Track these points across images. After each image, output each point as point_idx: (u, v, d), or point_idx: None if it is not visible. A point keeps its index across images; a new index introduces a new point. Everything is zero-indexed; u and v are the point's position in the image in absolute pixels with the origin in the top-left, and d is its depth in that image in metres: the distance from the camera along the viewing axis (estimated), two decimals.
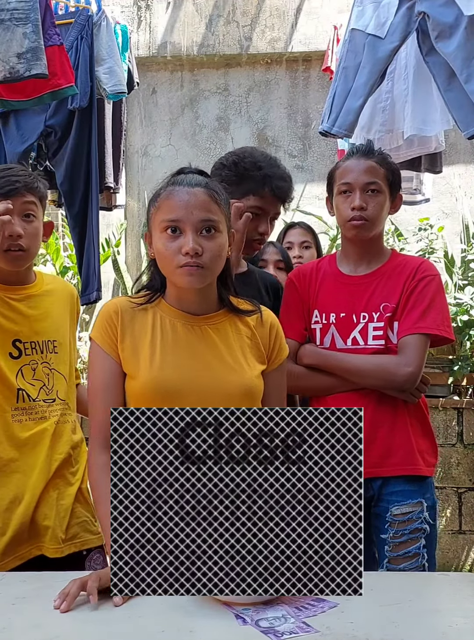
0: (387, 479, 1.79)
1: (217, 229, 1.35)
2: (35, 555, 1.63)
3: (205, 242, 1.33)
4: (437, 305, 1.80)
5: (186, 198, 1.33)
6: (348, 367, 1.80)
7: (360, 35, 2.53)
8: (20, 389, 1.65)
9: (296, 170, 5.03)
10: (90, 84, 3.11)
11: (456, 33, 2.34)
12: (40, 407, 1.68)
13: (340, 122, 2.52)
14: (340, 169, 1.87)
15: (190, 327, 1.40)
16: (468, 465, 3.57)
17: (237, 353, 1.41)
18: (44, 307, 1.75)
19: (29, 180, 1.67)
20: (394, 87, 2.86)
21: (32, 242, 1.67)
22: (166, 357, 1.37)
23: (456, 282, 4.01)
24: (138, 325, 1.40)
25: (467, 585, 1.28)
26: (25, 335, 1.69)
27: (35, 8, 2.44)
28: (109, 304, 1.43)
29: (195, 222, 1.32)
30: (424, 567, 1.76)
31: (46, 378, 1.71)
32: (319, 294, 1.89)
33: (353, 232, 1.83)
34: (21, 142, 3.09)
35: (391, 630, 1.06)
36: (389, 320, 1.80)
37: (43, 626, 1.09)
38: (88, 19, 3.18)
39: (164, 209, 1.35)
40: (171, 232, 1.33)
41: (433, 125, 2.80)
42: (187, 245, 1.31)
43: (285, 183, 1.88)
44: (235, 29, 4.92)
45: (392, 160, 1.91)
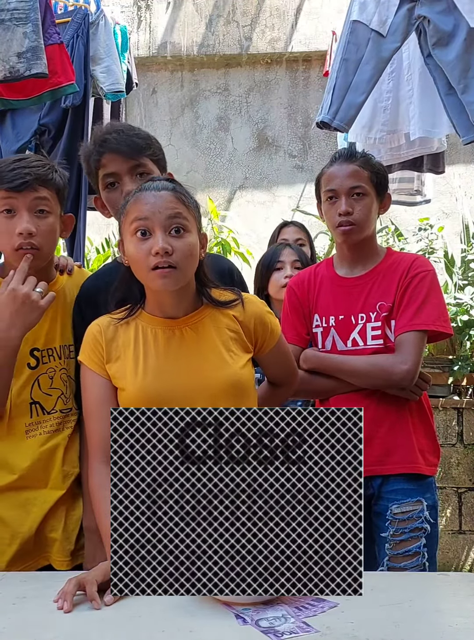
0: (387, 477, 1.80)
1: (186, 228, 1.35)
2: (42, 565, 1.59)
3: (174, 242, 1.33)
4: (432, 301, 1.81)
5: (152, 200, 1.34)
6: (346, 369, 1.82)
7: (363, 29, 2.50)
8: (34, 403, 1.58)
9: (296, 170, 5.04)
10: (84, 82, 3.12)
11: (454, 42, 2.32)
12: (55, 419, 1.61)
13: (341, 116, 2.51)
14: (325, 175, 1.89)
15: (170, 332, 1.41)
16: (468, 465, 3.56)
17: (220, 348, 1.41)
18: (60, 308, 1.64)
19: (41, 172, 1.52)
20: (396, 87, 2.85)
21: (46, 240, 1.54)
22: (148, 366, 1.39)
23: (456, 282, 4.00)
24: (122, 340, 1.42)
25: (467, 585, 1.27)
26: (41, 343, 1.60)
27: (35, 8, 2.45)
28: (92, 325, 1.45)
29: (163, 221, 1.33)
30: (424, 566, 1.76)
31: (64, 386, 1.63)
32: (318, 298, 1.92)
33: (343, 237, 1.86)
34: (16, 141, 3.10)
35: (391, 630, 1.06)
36: (386, 319, 1.82)
37: (43, 626, 1.09)
38: (84, 17, 3.19)
39: (132, 212, 1.36)
40: (141, 234, 1.34)
41: (441, 128, 2.80)
42: (156, 245, 1.31)
43: (109, 135, 1.62)
44: (235, 29, 4.92)
45: (376, 162, 1.93)
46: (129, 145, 1.61)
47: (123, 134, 1.62)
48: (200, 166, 5.04)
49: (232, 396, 1.37)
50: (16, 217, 1.52)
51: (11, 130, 3.11)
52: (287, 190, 5.01)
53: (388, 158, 3.10)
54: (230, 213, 4.89)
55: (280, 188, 5.03)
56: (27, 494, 1.57)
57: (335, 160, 1.89)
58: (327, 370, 1.85)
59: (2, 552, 1.54)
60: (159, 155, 1.68)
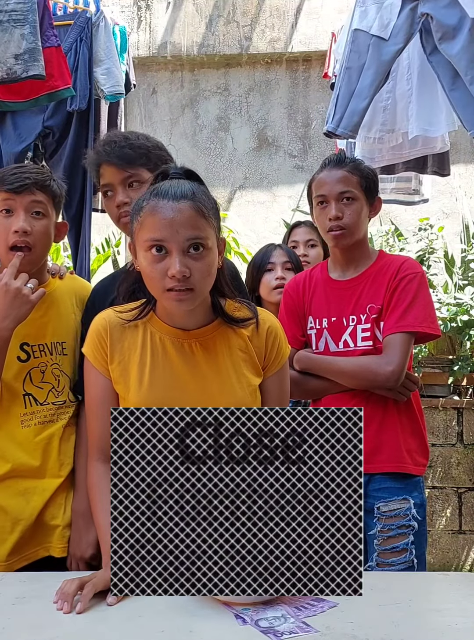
0: (373, 475, 1.83)
1: (205, 246, 1.26)
2: (42, 556, 1.62)
3: (193, 263, 1.25)
4: (420, 302, 1.83)
5: (170, 215, 1.24)
6: (335, 370, 1.86)
7: (364, 36, 2.54)
8: (27, 394, 1.63)
9: (297, 170, 5.03)
10: (89, 86, 3.13)
11: (460, 35, 2.34)
12: (48, 410, 1.65)
13: (345, 123, 2.55)
14: (315, 181, 1.93)
15: (179, 345, 1.37)
16: (468, 465, 3.56)
17: (229, 371, 1.37)
18: (52, 308, 1.70)
19: (39, 178, 1.61)
20: (395, 86, 2.86)
21: (40, 241, 1.60)
22: (154, 378, 1.35)
23: (456, 282, 4.01)
24: (128, 342, 1.38)
25: (467, 585, 1.28)
26: (33, 338, 1.65)
27: (34, 9, 2.46)
28: (98, 319, 1.40)
29: (181, 242, 1.24)
30: (412, 563, 1.79)
31: (56, 380, 1.68)
32: (312, 300, 1.97)
33: (334, 242, 1.90)
34: (18, 142, 3.10)
35: (391, 630, 1.06)
36: (375, 321, 1.85)
37: (43, 626, 1.09)
38: (87, 21, 3.20)
39: (148, 226, 1.26)
40: (156, 251, 1.25)
41: (438, 127, 2.81)
42: (173, 268, 1.23)
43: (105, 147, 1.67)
44: (235, 29, 4.92)
45: (366, 166, 1.95)
46: (121, 157, 1.65)
47: (116, 146, 1.66)
48: (200, 166, 5.03)
49: None
50: (13, 217, 1.59)
51: (12, 131, 3.12)
52: (287, 190, 5.01)
53: (390, 158, 3.10)
54: (230, 213, 4.89)
55: (280, 188, 5.03)
56: (27, 483, 1.62)
57: (324, 166, 1.93)
58: (317, 371, 1.90)
59: (3, 540, 1.58)
60: (157, 163, 1.68)
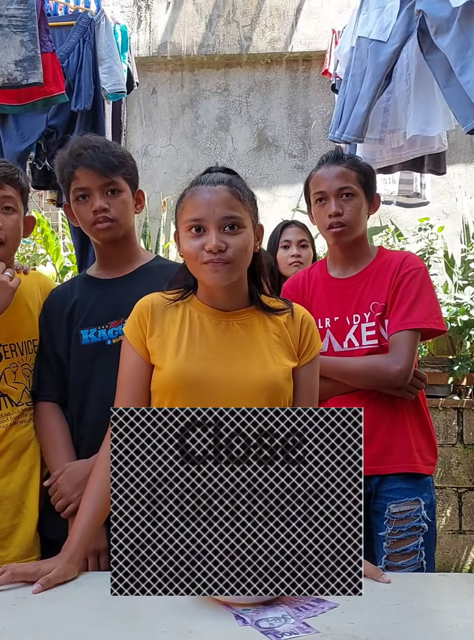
0: (385, 476, 1.81)
1: (241, 225, 1.36)
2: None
3: (228, 238, 1.34)
4: (424, 299, 1.81)
5: (208, 196, 1.35)
6: (341, 371, 1.83)
7: (365, 42, 2.59)
8: (1, 395, 1.63)
9: (297, 170, 5.04)
10: (93, 86, 3.13)
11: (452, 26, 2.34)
12: (23, 410, 1.66)
13: (349, 129, 2.59)
14: (313, 178, 1.91)
15: (217, 322, 1.43)
16: (468, 465, 3.56)
17: (263, 349, 1.41)
18: (20, 306, 1.68)
19: (9, 172, 1.62)
20: (395, 87, 2.86)
21: (11, 235, 1.62)
22: (191, 349, 1.40)
23: (456, 282, 4.01)
24: (168, 319, 1.44)
25: (467, 586, 1.27)
26: (3, 338, 1.64)
27: (33, 17, 2.47)
28: (143, 299, 1.47)
29: (218, 220, 1.34)
30: (422, 565, 1.77)
31: (27, 380, 1.68)
32: (313, 300, 1.94)
33: (334, 239, 1.88)
34: (21, 142, 3.10)
35: (391, 631, 1.06)
36: (380, 319, 1.83)
37: (43, 626, 1.09)
38: (90, 22, 3.20)
39: (188, 208, 1.37)
40: (195, 231, 1.35)
41: (436, 126, 2.81)
42: (209, 242, 1.33)
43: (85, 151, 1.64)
44: (235, 29, 4.93)
45: (363, 162, 1.94)
46: (103, 162, 1.63)
47: (98, 151, 1.64)
48: (200, 166, 5.03)
49: (266, 397, 1.36)
50: None
51: (15, 131, 3.11)
52: (287, 190, 5.02)
53: (390, 158, 3.10)
54: None
55: (280, 188, 5.04)
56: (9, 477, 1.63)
57: (322, 163, 1.91)
58: (323, 373, 1.84)
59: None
60: (132, 174, 1.71)
